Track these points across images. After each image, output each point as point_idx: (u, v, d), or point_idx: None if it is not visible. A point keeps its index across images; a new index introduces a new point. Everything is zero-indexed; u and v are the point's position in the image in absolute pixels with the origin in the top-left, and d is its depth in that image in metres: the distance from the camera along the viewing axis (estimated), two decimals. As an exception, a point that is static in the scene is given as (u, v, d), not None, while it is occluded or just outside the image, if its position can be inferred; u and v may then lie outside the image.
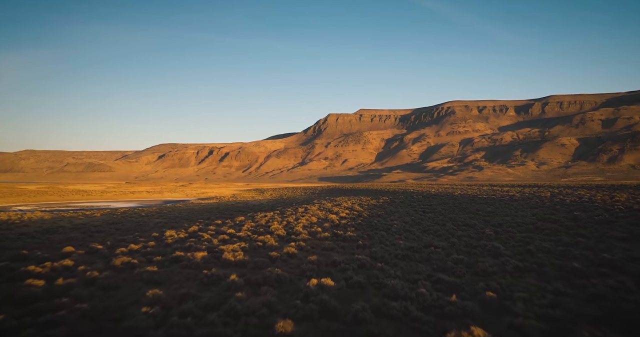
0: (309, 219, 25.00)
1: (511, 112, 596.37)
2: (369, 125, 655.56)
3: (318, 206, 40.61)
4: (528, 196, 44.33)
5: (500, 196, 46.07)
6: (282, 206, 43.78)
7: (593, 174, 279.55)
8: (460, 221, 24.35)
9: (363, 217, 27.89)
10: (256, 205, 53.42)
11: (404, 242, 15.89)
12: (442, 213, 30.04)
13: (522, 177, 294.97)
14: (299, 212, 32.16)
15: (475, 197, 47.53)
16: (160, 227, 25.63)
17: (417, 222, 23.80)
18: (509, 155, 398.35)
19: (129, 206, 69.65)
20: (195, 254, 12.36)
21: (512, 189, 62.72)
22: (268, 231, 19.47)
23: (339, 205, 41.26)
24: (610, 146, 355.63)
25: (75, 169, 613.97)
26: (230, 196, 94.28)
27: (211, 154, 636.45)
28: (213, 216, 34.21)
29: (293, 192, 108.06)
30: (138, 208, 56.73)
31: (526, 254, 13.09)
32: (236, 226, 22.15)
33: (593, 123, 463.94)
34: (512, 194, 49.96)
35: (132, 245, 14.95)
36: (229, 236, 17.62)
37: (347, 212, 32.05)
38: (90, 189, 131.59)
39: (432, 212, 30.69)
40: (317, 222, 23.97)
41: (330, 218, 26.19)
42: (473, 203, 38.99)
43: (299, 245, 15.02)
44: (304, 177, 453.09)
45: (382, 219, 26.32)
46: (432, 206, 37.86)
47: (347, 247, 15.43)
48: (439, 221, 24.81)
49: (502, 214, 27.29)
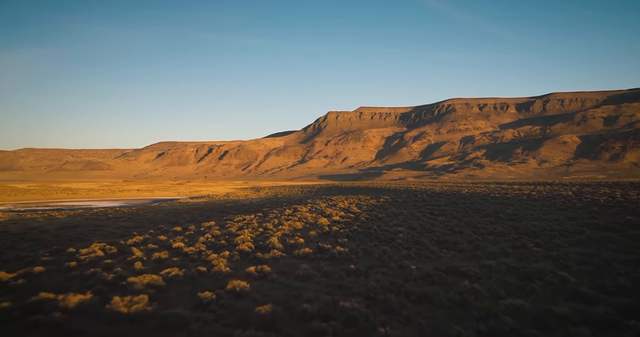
0: (292, 225, 20.06)
1: (512, 109, 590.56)
2: (369, 123, 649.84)
3: (310, 206, 35.67)
4: (547, 195, 39.36)
5: (514, 195, 41.09)
6: (270, 207, 38.80)
7: (595, 172, 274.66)
8: (481, 226, 19.42)
9: (360, 221, 22.95)
10: (245, 205, 48.50)
11: (417, 265, 10.92)
12: (456, 216, 25.07)
13: (524, 175, 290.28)
14: (286, 214, 27.22)
15: (487, 196, 42.58)
16: (110, 234, 20.72)
17: (428, 229, 18.85)
18: (510, 153, 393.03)
19: (111, 205, 64.80)
20: (70, 298, 7.39)
21: (524, 187, 57.74)
22: (230, 245, 14.53)
23: (334, 205, 36.33)
24: (612, 144, 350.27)
25: (74, 168, 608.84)
26: (224, 195, 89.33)
27: (210, 152, 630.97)
28: (186, 219, 29.20)
29: (290, 190, 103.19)
30: (115, 208, 51.84)
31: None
32: (195, 235, 17.20)
33: (595, 121, 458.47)
34: (526, 192, 45.06)
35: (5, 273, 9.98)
36: (170, 254, 12.68)
37: (342, 214, 27.12)
38: (80, 187, 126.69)
39: (442, 215, 25.73)
40: (301, 230, 19.03)
41: (320, 223, 21.25)
42: (486, 203, 34.10)
43: (260, 270, 10.11)
44: (303, 175, 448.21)
45: (384, 223, 21.41)
46: (440, 206, 32.92)
47: (333, 273, 10.46)
48: (455, 226, 19.86)
49: (528, 218, 22.36)
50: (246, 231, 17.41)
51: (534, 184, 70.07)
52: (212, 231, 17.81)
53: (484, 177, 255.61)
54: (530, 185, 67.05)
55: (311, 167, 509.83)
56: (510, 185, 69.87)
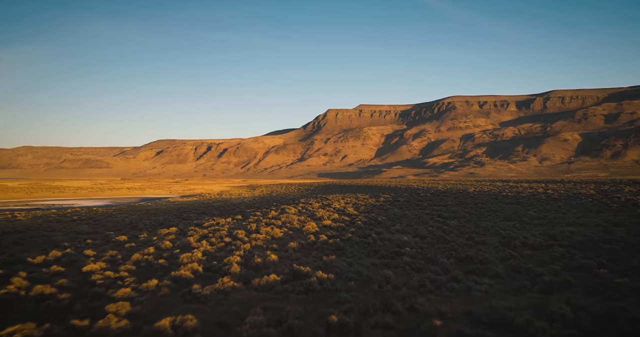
0: (271, 233, 15.99)
1: (512, 107, 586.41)
2: (369, 121, 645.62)
3: (301, 206, 31.63)
4: (566, 194, 35.31)
5: (529, 194, 37.01)
6: (257, 207, 34.66)
7: (597, 170, 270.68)
8: (506, 234, 15.36)
9: (356, 226, 18.88)
10: (234, 204, 44.44)
11: (438, 306, 6.85)
12: (470, 219, 20.98)
13: (525, 173, 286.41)
14: (269, 217, 23.16)
15: (498, 195, 38.48)
16: (43, 244, 16.66)
17: (440, 238, 14.80)
18: (510, 150, 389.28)
19: (93, 204, 60.88)
20: None
21: (534, 185, 53.68)
22: (172, 265, 10.48)
23: (329, 205, 32.26)
24: (614, 141, 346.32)
25: (73, 166, 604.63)
26: (217, 193, 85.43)
27: (209, 150, 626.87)
28: (150, 224, 24.98)
29: (287, 188, 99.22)
30: (92, 208, 47.81)
31: None
32: (134, 249, 13.08)
33: (595, 118, 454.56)
34: (540, 191, 41.02)
35: None
36: (64, 286, 8.50)
37: (335, 217, 23.05)
38: (71, 185, 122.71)
39: (454, 218, 21.64)
40: (280, 239, 14.98)
41: (306, 229, 17.21)
42: (500, 203, 30.03)
43: (181, 324, 5.98)
44: (303, 173, 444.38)
45: (385, 229, 17.37)
46: (448, 206, 28.82)
47: (303, 330, 6.22)
48: (473, 234, 15.80)
49: (560, 222, 18.33)
50: (205, 243, 13.35)
51: (543, 182, 65.98)
52: (163, 242, 13.74)
53: (484, 175, 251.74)
54: (539, 183, 62.97)
55: (311, 165, 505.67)
56: (518, 183, 65.84)
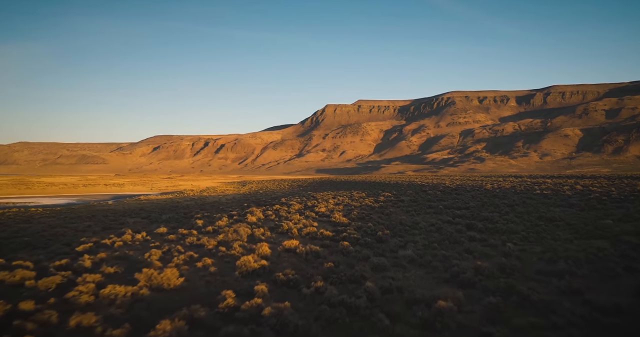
0: (156, 280, 9.73)
1: (512, 102, 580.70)
2: (368, 117, 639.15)
3: (274, 210, 25.90)
4: (624, 192, 29.35)
5: (575, 193, 31.13)
6: (215, 210, 28.81)
7: (599, 166, 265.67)
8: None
9: (340, 250, 12.83)
10: (199, 204, 38.77)
11: None
12: (526, 236, 14.33)
13: (526, 168, 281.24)
14: (207, 230, 17.36)
15: (528, 193, 32.46)
16: None
17: (506, 290, 8.67)
18: (511, 146, 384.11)
19: (52, 203, 55.53)
20: None
21: (558, 181, 47.86)
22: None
23: (313, 207, 26.49)
24: (615, 137, 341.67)
25: (68, 161, 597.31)
26: (200, 190, 79.98)
27: (207, 145, 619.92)
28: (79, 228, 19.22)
29: (279, 185, 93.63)
30: (32, 209, 41.34)
31: None
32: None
33: (596, 113, 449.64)
34: (579, 188, 35.17)
35: None
36: None
37: (311, 229, 16.98)
38: (51, 181, 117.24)
39: (495, 231, 15.59)
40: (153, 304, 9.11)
41: (242, 264, 10.45)
42: (542, 205, 23.38)
43: None
44: (301, 169, 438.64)
45: (389, 258, 11.56)
46: (471, 209, 22.65)
47: None
48: (570, 279, 9.64)
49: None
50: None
51: (561, 177, 60.27)
52: None
53: (485, 171, 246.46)
54: (558, 178, 57.16)
55: (309, 161, 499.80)
56: (534, 178, 60.16)
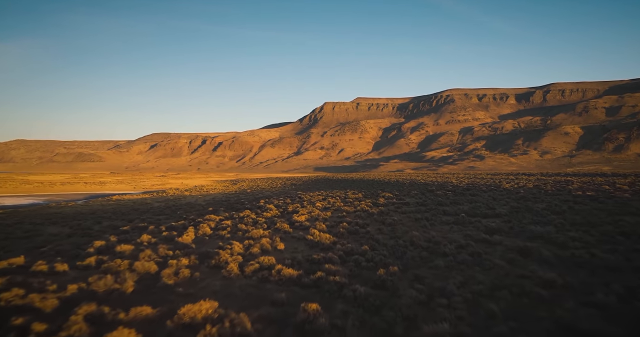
0: None
1: (512, 100, 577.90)
2: (366, 114, 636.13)
3: (244, 214, 23.19)
4: None
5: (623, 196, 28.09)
6: (198, 211, 26.05)
7: (600, 163, 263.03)
8: None
9: (298, 324, 9.29)
10: (187, 203, 36.01)
11: None
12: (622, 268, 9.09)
13: (526, 166, 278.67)
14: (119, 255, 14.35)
15: (564, 193, 28.92)
16: None
17: None
18: (510, 144, 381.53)
19: (16, 203, 52.50)
20: None
21: (573, 179, 45.19)
22: None
23: (291, 214, 23.23)
24: (616, 135, 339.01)
25: (65, 159, 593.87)
26: (188, 189, 77.03)
27: (204, 143, 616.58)
28: None
29: (272, 183, 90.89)
30: None
31: None
32: None
33: (597, 111, 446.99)
34: (606, 188, 32.16)
35: None
36: None
37: (267, 261, 10.15)
38: (35, 179, 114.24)
39: (575, 264, 10.81)
40: None
41: None
42: (602, 211, 18.40)
43: None
44: (299, 167, 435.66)
45: None
46: (501, 216, 17.60)
47: None
48: None
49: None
50: None
51: (574, 175, 57.63)
52: None
53: (485, 169, 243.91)
54: (574, 176, 54.47)
55: (307, 158, 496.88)
56: (548, 176, 57.45)
